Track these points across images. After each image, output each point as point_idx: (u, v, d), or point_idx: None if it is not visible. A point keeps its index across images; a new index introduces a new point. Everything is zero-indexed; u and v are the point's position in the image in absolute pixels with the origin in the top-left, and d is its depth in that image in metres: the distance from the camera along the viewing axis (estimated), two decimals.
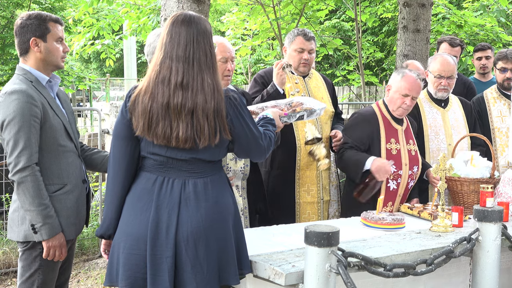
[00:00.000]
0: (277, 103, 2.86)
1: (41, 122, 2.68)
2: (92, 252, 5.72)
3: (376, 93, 13.11)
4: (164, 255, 2.27)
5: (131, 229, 2.32)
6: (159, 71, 2.29)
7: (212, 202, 2.31)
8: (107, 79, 18.05)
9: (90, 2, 8.16)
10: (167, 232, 2.27)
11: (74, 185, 2.81)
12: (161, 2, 4.79)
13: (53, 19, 2.79)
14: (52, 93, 2.84)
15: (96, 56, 22.71)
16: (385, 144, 3.60)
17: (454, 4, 12.34)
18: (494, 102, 4.38)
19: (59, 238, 2.72)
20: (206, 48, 2.32)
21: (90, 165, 3.06)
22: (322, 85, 4.02)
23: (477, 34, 9.15)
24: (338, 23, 14.54)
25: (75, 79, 10.82)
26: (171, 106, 2.25)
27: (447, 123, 3.99)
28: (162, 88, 2.26)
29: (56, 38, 2.79)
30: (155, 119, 2.26)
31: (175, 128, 2.26)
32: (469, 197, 3.37)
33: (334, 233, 2.11)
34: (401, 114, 3.65)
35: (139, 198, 2.34)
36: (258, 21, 8.90)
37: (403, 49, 6.54)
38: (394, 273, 2.24)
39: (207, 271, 2.26)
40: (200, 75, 2.28)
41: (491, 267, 2.54)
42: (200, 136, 2.26)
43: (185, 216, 2.28)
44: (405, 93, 3.55)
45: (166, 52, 2.30)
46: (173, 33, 2.31)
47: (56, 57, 2.80)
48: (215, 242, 2.29)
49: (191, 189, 2.31)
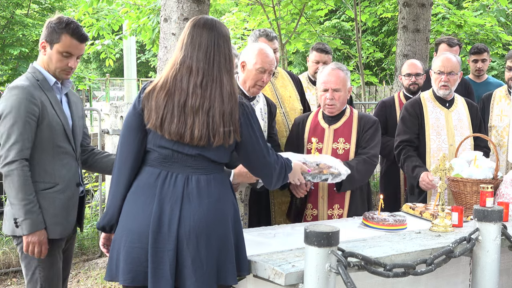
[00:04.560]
0: (306, 160, 2.89)
1: (38, 120, 2.71)
2: (92, 252, 5.72)
3: (376, 93, 13.10)
4: (166, 248, 2.28)
5: (133, 222, 2.33)
6: (178, 70, 2.34)
7: (214, 200, 2.33)
8: (107, 79, 18.06)
9: (90, 2, 8.16)
10: (169, 226, 2.29)
11: (66, 186, 2.82)
12: (161, 2, 4.79)
13: (69, 32, 2.77)
14: (59, 94, 2.86)
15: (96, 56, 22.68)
16: (307, 144, 3.60)
17: (454, 4, 12.35)
18: (498, 101, 4.39)
19: (39, 235, 2.71)
20: (226, 52, 2.39)
21: (100, 168, 3.10)
22: (289, 83, 4.02)
23: (477, 34, 9.15)
24: (338, 23, 14.55)
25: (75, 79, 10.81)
26: (189, 105, 2.30)
27: (450, 124, 3.99)
28: (181, 86, 2.31)
29: (63, 51, 2.79)
30: (170, 116, 2.30)
31: (190, 125, 2.29)
32: (472, 198, 3.36)
33: (334, 233, 2.11)
34: (330, 112, 3.59)
35: (142, 192, 2.36)
36: (258, 21, 8.91)
37: (403, 49, 6.55)
38: (394, 273, 2.24)
39: (206, 268, 2.28)
40: (219, 77, 2.34)
41: (491, 267, 2.54)
42: (215, 134, 2.30)
43: (188, 211, 2.29)
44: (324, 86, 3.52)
45: (186, 52, 2.35)
46: (194, 34, 2.37)
47: (55, 67, 2.81)
48: (216, 239, 2.30)
49: (194, 185, 2.33)
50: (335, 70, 3.51)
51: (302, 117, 3.78)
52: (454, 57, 3.98)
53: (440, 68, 3.93)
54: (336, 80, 3.49)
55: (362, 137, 3.56)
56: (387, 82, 12.41)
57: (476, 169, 3.41)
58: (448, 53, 4.05)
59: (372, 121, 3.62)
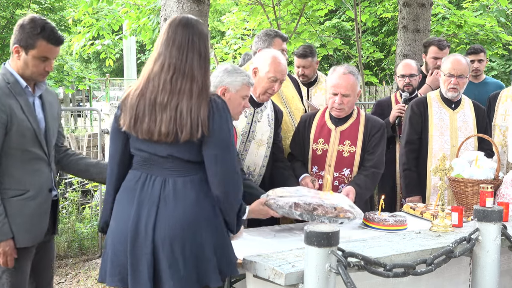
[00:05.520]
0: (323, 203, 2.88)
1: (7, 126, 2.64)
2: (92, 252, 5.73)
3: (376, 93, 13.10)
4: (143, 252, 2.30)
5: (117, 225, 2.38)
6: (152, 69, 2.34)
7: (191, 203, 2.32)
8: (107, 79, 18.05)
9: (90, 2, 8.15)
10: (146, 230, 2.30)
11: (37, 193, 2.74)
12: (161, 2, 4.79)
13: (45, 37, 2.67)
14: (31, 97, 2.78)
15: (96, 56, 22.68)
16: (312, 144, 3.60)
17: (454, 4, 12.35)
18: (504, 100, 4.39)
19: (5, 246, 2.64)
20: (200, 48, 2.35)
21: (74, 170, 3.05)
22: (289, 83, 4.03)
23: (477, 34, 9.14)
24: (338, 23, 14.55)
25: (75, 79, 10.82)
26: (158, 101, 2.29)
27: (454, 125, 3.99)
28: (153, 84, 2.31)
29: (39, 56, 2.70)
30: (141, 114, 2.31)
31: (159, 122, 2.29)
32: (473, 198, 3.36)
33: (334, 233, 2.11)
34: (337, 115, 3.58)
35: (125, 195, 2.40)
36: (258, 21, 8.91)
37: (402, 49, 6.55)
38: (394, 273, 2.24)
39: (184, 271, 2.27)
40: (191, 73, 2.31)
41: (491, 267, 2.54)
42: (182, 130, 2.27)
43: (164, 215, 2.30)
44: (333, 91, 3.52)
45: (161, 50, 2.35)
46: (169, 32, 2.36)
47: (31, 72, 2.72)
48: (192, 242, 2.29)
49: (170, 188, 2.33)
50: (346, 74, 3.48)
51: (308, 115, 3.77)
52: (464, 59, 3.99)
53: (450, 71, 3.93)
54: (347, 85, 3.47)
55: (369, 141, 3.54)
56: (387, 82, 12.40)
57: (477, 169, 3.40)
58: (458, 55, 4.05)
59: (379, 125, 3.61)
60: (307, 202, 2.87)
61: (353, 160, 3.51)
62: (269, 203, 2.92)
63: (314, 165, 3.58)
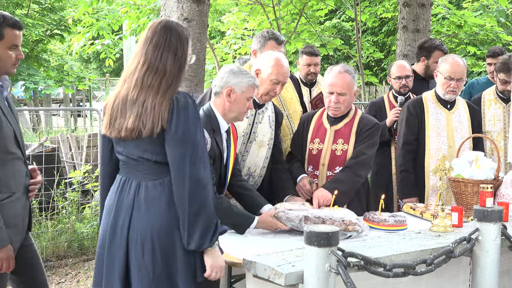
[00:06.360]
0: (332, 216, 2.92)
1: None
2: (92, 252, 5.72)
3: (376, 93, 13.11)
4: (117, 254, 2.36)
5: (101, 227, 2.46)
6: (128, 69, 2.39)
7: (162, 207, 2.33)
8: (107, 79, 18.04)
9: (89, 2, 8.15)
10: (121, 232, 2.36)
11: (22, 193, 2.70)
12: (161, 2, 4.79)
13: (10, 24, 2.61)
14: (2, 96, 2.69)
15: (95, 56, 22.67)
16: (309, 144, 3.62)
17: (453, 4, 12.35)
18: (489, 105, 4.40)
19: (5, 251, 2.58)
20: (177, 48, 2.36)
21: None
22: (289, 84, 3.98)
23: (477, 34, 9.14)
24: (338, 23, 14.55)
25: (75, 79, 10.83)
26: (129, 98, 2.32)
27: (451, 125, 4.00)
28: (128, 82, 2.35)
29: (10, 45, 2.63)
30: (115, 114, 2.35)
31: (127, 118, 2.32)
32: (473, 198, 3.36)
33: (334, 233, 2.11)
34: (333, 114, 3.60)
35: (108, 199, 2.46)
36: (258, 21, 8.90)
37: (402, 49, 6.55)
38: (393, 273, 2.24)
39: (153, 276, 2.31)
40: (163, 70, 2.32)
41: (491, 267, 2.54)
42: (145, 125, 2.27)
43: (137, 219, 2.34)
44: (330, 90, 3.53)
45: (137, 51, 2.38)
46: (149, 33, 2.39)
47: (6, 64, 2.65)
48: (162, 246, 2.31)
49: (143, 191, 2.36)
50: (342, 73, 3.49)
51: (308, 115, 3.79)
52: (462, 61, 3.99)
53: (450, 74, 3.93)
54: (342, 84, 3.48)
55: (359, 137, 3.56)
56: (387, 82, 12.41)
57: (478, 169, 3.40)
58: (456, 57, 4.03)
59: (372, 123, 3.62)
60: (316, 216, 2.91)
61: (345, 158, 3.53)
62: (278, 216, 2.98)
63: (309, 164, 3.61)
